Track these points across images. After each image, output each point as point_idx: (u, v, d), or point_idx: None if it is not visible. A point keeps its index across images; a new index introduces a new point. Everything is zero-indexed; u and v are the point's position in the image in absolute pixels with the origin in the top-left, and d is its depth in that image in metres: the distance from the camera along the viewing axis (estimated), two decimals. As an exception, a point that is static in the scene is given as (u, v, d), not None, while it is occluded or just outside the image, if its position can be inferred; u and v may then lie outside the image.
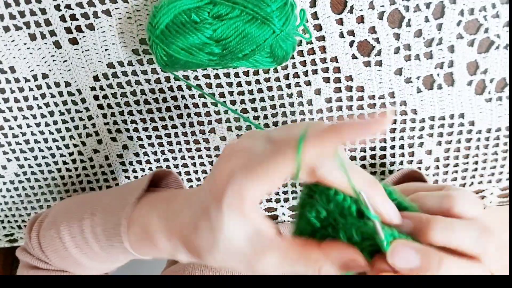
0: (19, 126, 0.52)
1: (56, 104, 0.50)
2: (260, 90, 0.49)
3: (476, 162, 0.53)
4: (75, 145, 0.54)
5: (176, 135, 0.53)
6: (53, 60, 0.47)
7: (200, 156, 0.55)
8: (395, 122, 0.50)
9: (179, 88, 0.49)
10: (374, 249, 0.25)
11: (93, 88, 0.49)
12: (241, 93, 0.49)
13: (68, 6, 0.44)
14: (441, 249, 0.25)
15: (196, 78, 0.48)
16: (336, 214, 0.26)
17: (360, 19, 0.43)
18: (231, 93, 0.49)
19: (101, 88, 0.49)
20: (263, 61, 0.41)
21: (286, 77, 0.48)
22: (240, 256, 0.27)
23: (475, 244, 0.25)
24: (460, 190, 0.29)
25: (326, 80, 0.47)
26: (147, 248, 0.34)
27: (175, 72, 0.46)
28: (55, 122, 0.52)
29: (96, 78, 0.48)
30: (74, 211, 0.39)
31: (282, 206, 0.58)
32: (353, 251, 0.26)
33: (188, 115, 0.51)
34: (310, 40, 0.44)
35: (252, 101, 0.50)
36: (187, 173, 0.56)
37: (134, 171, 0.56)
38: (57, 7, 0.44)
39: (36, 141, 0.53)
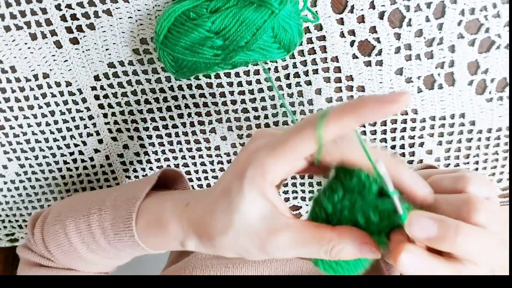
0: (20, 126, 0.52)
1: (57, 104, 0.50)
2: (261, 90, 0.49)
3: (477, 162, 0.53)
4: (76, 145, 0.54)
5: (177, 134, 0.53)
6: (54, 60, 0.47)
7: (200, 156, 0.55)
8: (395, 122, 0.50)
9: (180, 87, 0.49)
10: (391, 230, 0.26)
11: (93, 88, 0.49)
12: (241, 92, 0.49)
13: (69, 6, 0.44)
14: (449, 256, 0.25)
15: (197, 77, 0.48)
16: (355, 193, 0.26)
17: (361, 19, 0.43)
18: (231, 93, 0.49)
19: (102, 87, 0.49)
20: (270, 48, 0.40)
21: (287, 76, 0.48)
22: (253, 235, 0.27)
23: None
24: (474, 172, 0.30)
25: (327, 79, 0.47)
26: (157, 235, 0.34)
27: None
28: (55, 122, 0.52)
29: (97, 78, 0.49)
30: (80, 207, 0.39)
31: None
32: (366, 235, 0.26)
33: (189, 114, 0.51)
34: (318, 22, 0.43)
35: (253, 100, 0.50)
36: (188, 172, 0.56)
37: (134, 170, 0.56)
38: (58, 7, 0.44)
39: (37, 141, 0.53)
